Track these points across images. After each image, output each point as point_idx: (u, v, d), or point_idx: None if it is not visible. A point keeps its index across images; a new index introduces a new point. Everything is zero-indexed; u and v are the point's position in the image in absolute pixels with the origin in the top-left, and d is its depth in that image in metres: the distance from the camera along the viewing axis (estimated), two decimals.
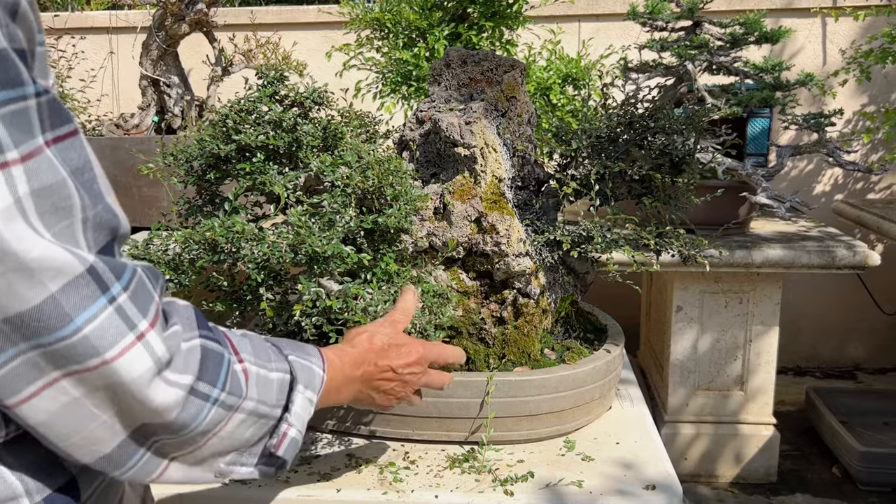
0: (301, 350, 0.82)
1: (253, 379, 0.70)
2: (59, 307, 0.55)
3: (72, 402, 0.58)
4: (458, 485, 1.16)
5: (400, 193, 1.22)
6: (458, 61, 1.44)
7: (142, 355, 0.59)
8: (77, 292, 0.56)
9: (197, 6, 2.54)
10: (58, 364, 0.56)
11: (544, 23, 2.93)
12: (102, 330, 0.57)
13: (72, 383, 0.57)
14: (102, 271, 0.58)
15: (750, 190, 2.13)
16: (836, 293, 3.41)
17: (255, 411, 0.70)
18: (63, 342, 0.55)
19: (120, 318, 0.58)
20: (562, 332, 1.46)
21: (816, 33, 3.29)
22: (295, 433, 0.74)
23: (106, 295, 0.57)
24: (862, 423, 2.75)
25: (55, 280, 0.55)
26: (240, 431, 0.70)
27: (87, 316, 0.56)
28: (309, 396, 0.77)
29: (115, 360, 0.58)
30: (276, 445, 0.73)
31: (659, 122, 1.37)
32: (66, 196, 0.57)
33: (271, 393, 0.72)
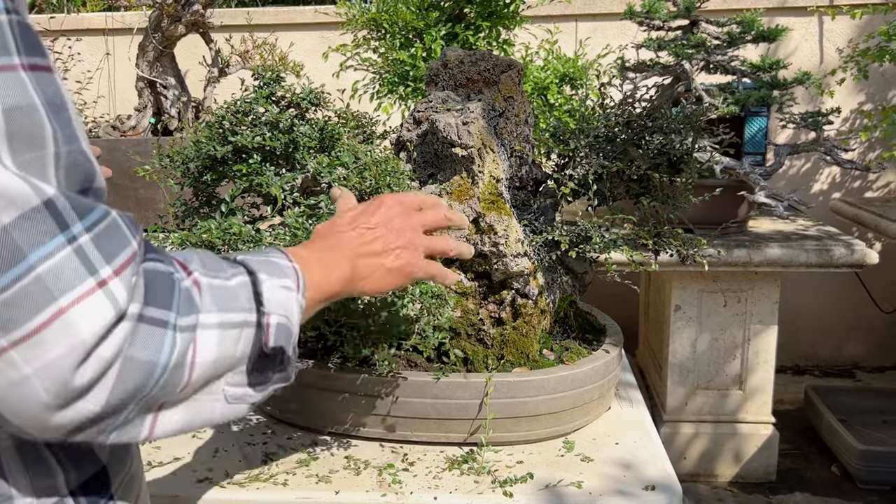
0: (253, 252, 0.72)
1: (206, 290, 0.61)
2: (12, 241, 0.50)
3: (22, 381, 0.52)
4: (457, 486, 1.16)
5: None
6: (455, 61, 1.43)
7: (101, 304, 0.52)
8: (32, 226, 0.51)
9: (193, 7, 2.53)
10: (7, 324, 0.50)
11: (541, 22, 2.93)
12: (58, 271, 0.51)
13: (21, 354, 0.51)
14: (63, 207, 0.52)
15: (748, 189, 2.13)
16: (835, 292, 3.41)
17: (225, 323, 0.61)
18: (15, 286, 0.50)
19: (79, 259, 0.52)
20: (560, 333, 1.46)
21: (813, 32, 3.30)
22: (278, 318, 0.65)
23: (65, 233, 0.52)
24: (861, 422, 2.75)
25: (6, 211, 0.50)
26: (226, 350, 0.61)
27: (42, 254, 0.51)
28: (282, 284, 0.67)
29: (70, 307, 0.51)
30: (266, 339, 0.64)
31: (656, 122, 1.36)
32: (39, 124, 0.53)
33: (237, 298, 0.63)
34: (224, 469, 1.22)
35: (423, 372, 1.27)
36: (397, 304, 1.16)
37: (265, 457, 1.25)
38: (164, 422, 0.60)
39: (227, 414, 0.64)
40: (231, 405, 0.64)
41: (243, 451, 1.28)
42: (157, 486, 1.18)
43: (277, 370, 0.67)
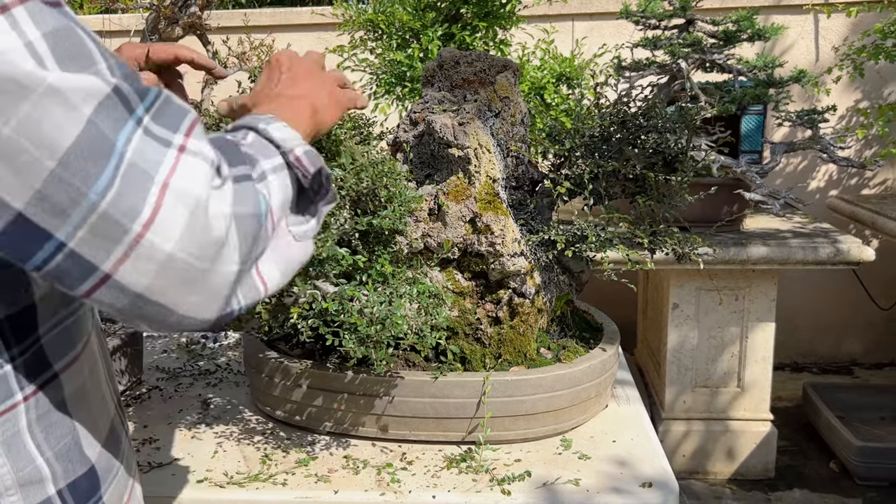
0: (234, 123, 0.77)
1: (247, 147, 0.67)
2: (100, 131, 0.52)
3: (167, 259, 0.54)
4: (456, 485, 1.17)
5: (394, 195, 1.22)
6: (451, 62, 1.44)
7: (194, 163, 0.56)
8: (108, 114, 0.53)
9: (190, 9, 2.53)
10: (129, 211, 0.53)
11: (538, 22, 2.93)
12: (142, 153, 0.54)
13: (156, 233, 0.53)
14: (128, 92, 0.55)
15: (744, 187, 2.13)
16: (833, 289, 3.42)
17: (274, 167, 0.66)
18: (117, 175, 0.52)
19: (151, 138, 0.55)
20: (557, 332, 1.46)
21: (809, 30, 3.30)
22: (302, 148, 0.69)
23: (133, 117, 0.54)
24: (859, 418, 2.76)
25: (87, 102, 0.52)
26: (283, 192, 0.66)
27: (124, 139, 0.53)
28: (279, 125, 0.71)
29: (170, 177, 0.54)
30: (303, 171, 0.68)
31: (651, 121, 1.37)
32: (80, 42, 0.54)
33: (266, 147, 0.68)
34: (223, 469, 1.23)
35: (421, 371, 1.28)
36: (395, 303, 1.17)
37: (264, 457, 1.26)
38: (266, 274, 0.64)
39: (303, 252, 0.69)
40: (300, 242, 0.69)
41: (242, 451, 1.29)
42: (157, 486, 1.19)
43: (321, 193, 0.72)
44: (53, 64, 0.51)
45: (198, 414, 1.44)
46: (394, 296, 1.20)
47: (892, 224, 2.53)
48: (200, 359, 1.73)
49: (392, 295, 1.20)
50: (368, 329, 1.13)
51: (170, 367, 1.69)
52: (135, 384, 1.58)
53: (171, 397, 1.53)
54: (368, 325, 1.14)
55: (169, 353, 1.79)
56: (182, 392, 1.55)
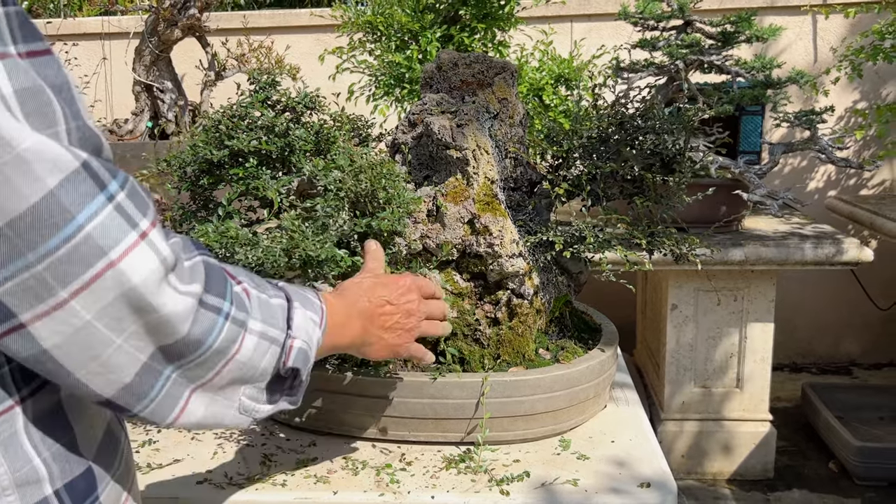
0: (293, 286, 0.81)
1: (255, 300, 0.68)
2: (60, 204, 0.53)
3: (84, 326, 0.56)
4: (455, 485, 1.17)
5: (393, 196, 1.22)
6: (450, 64, 1.44)
7: (147, 254, 0.57)
8: (75, 188, 0.54)
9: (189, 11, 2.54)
10: (65, 278, 0.54)
11: (536, 23, 2.94)
12: (104, 228, 0.55)
13: (81, 303, 0.55)
14: (98, 169, 0.56)
15: (743, 188, 2.14)
16: (832, 289, 3.42)
17: (264, 334, 0.68)
18: (67, 244, 0.54)
19: (121, 216, 0.56)
20: (556, 332, 1.47)
21: (807, 31, 3.31)
22: (301, 343, 0.72)
23: (104, 192, 0.56)
24: (858, 419, 2.77)
25: (52, 174, 0.53)
26: (255, 358, 0.68)
27: (88, 213, 0.54)
28: (310, 316, 0.75)
29: (120, 259, 0.56)
30: (286, 360, 0.71)
31: (649, 122, 1.37)
32: (48, 102, 0.55)
33: (275, 316, 0.70)
34: (223, 470, 1.23)
35: (420, 372, 1.28)
36: None
37: (263, 458, 1.26)
38: (190, 410, 0.66)
39: (235, 422, 0.71)
40: (240, 416, 0.71)
41: (242, 452, 1.29)
42: (156, 487, 1.19)
43: (287, 392, 0.74)
44: (21, 116, 0.53)
45: None
46: None
47: (891, 224, 2.54)
48: None
49: None
50: None
51: None
52: None
53: None
54: None
55: None
56: None
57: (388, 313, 0.94)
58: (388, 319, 0.94)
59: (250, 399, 0.71)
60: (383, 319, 0.93)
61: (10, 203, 0.52)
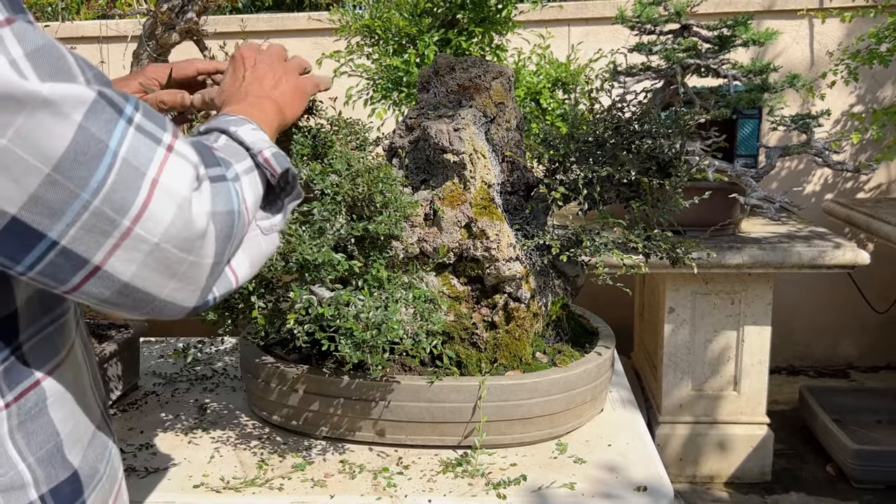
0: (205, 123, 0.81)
1: (220, 151, 0.70)
2: (92, 135, 0.55)
3: (153, 248, 0.58)
4: (451, 489, 1.17)
5: (390, 200, 1.23)
6: (447, 68, 1.45)
7: (181, 164, 0.59)
8: (99, 117, 0.55)
9: (187, 15, 2.54)
10: (122, 205, 0.56)
11: (534, 27, 2.94)
12: (135, 149, 0.57)
13: (144, 227, 0.57)
14: (112, 95, 0.57)
15: (740, 191, 2.14)
16: (829, 292, 3.43)
17: (245, 169, 0.70)
18: (111, 173, 0.55)
19: (144, 135, 0.58)
20: (553, 336, 1.47)
21: (804, 34, 3.32)
22: (269, 150, 0.73)
23: (123, 116, 0.57)
24: (855, 422, 2.77)
25: (77, 109, 0.54)
26: (256, 191, 0.70)
27: (117, 139, 0.56)
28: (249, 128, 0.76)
29: (160, 175, 0.57)
30: (272, 171, 0.73)
31: (646, 126, 1.38)
32: (61, 57, 0.56)
33: (236, 150, 0.72)
34: (219, 474, 1.23)
35: (417, 376, 1.29)
36: (391, 308, 1.17)
37: (260, 462, 1.26)
38: (237, 267, 0.69)
39: (270, 245, 0.74)
40: (268, 236, 0.73)
41: (238, 456, 1.29)
42: (153, 491, 1.19)
43: (287, 192, 0.76)
44: (34, 76, 0.53)
45: (194, 419, 1.45)
46: (389, 301, 1.20)
47: (887, 228, 2.55)
48: (197, 364, 1.73)
49: (388, 300, 1.21)
50: (364, 334, 1.14)
51: (166, 372, 1.69)
52: (131, 389, 1.59)
53: (167, 402, 1.53)
54: (364, 330, 1.14)
55: (165, 358, 1.79)
56: (178, 397, 1.55)
57: (261, 77, 0.93)
58: (268, 80, 0.93)
59: (263, 219, 0.73)
60: (265, 83, 0.92)
61: (51, 145, 0.53)
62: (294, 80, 0.96)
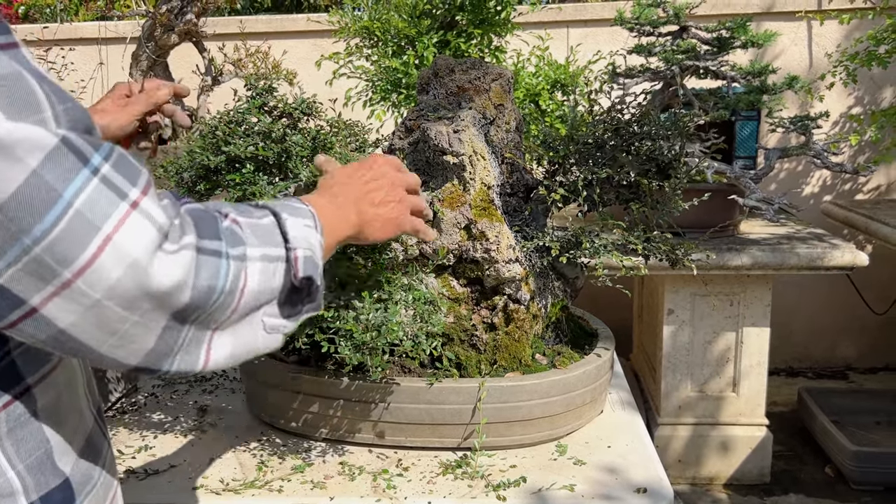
0: (272, 200, 0.79)
1: (247, 227, 0.67)
2: (45, 182, 0.53)
3: (94, 304, 0.56)
4: (451, 491, 1.17)
5: None
6: (447, 70, 1.45)
7: (141, 224, 0.56)
8: (57, 165, 0.53)
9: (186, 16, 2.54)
10: (64, 257, 0.54)
11: (533, 29, 2.94)
12: (93, 202, 0.54)
13: (87, 282, 0.55)
14: (78, 143, 0.55)
15: (738, 193, 2.14)
16: (827, 294, 3.43)
17: (266, 256, 0.67)
18: (60, 223, 0.53)
19: (108, 188, 0.55)
20: (553, 338, 1.47)
21: (802, 36, 3.32)
22: (304, 252, 0.71)
23: (88, 166, 0.55)
24: (854, 423, 2.77)
25: (32, 154, 0.52)
26: (265, 282, 0.67)
27: (74, 189, 0.54)
28: (303, 223, 0.73)
29: (115, 232, 0.55)
30: (296, 271, 0.70)
31: (645, 128, 1.38)
32: (28, 90, 0.54)
33: (270, 235, 0.69)
34: (219, 476, 1.23)
35: (417, 377, 1.28)
36: (391, 310, 1.17)
37: (260, 463, 1.26)
38: (216, 350, 0.66)
39: (267, 343, 0.70)
40: (269, 335, 0.70)
41: (238, 457, 1.29)
42: (153, 493, 1.19)
43: (307, 301, 0.73)
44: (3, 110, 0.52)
45: (194, 421, 1.44)
46: (389, 302, 1.20)
47: (886, 229, 2.55)
48: None
49: (388, 301, 1.21)
50: (364, 336, 1.14)
51: None
52: (131, 391, 1.58)
53: (167, 404, 1.53)
54: (364, 332, 1.14)
55: None
56: (178, 399, 1.55)
57: (375, 189, 0.90)
58: (376, 195, 0.90)
59: (272, 317, 0.70)
60: (372, 196, 0.90)
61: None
62: (399, 212, 0.93)
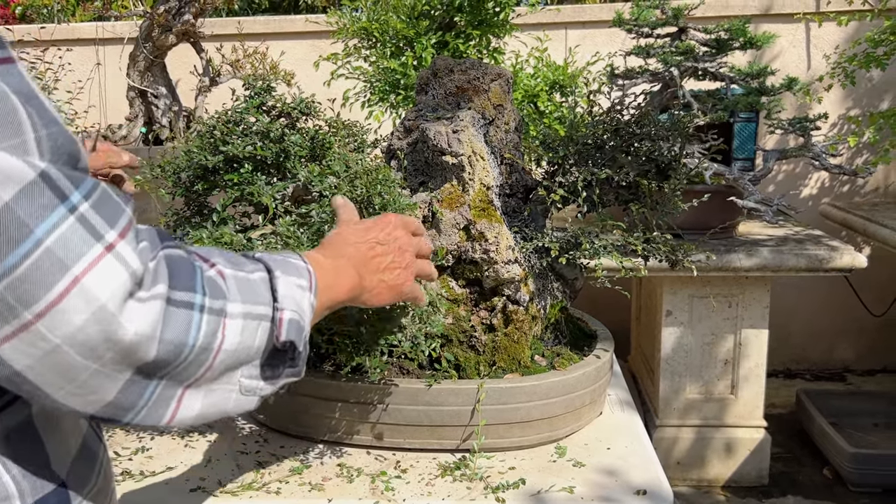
0: (271, 253, 0.75)
1: (231, 280, 0.63)
2: (15, 216, 0.50)
3: (54, 349, 0.53)
4: (450, 493, 1.16)
5: (388, 202, 1.22)
6: (446, 70, 1.44)
7: (113, 268, 0.53)
8: (32, 201, 0.51)
9: (184, 17, 2.54)
10: (27, 298, 0.51)
11: (531, 30, 2.94)
12: (65, 241, 0.52)
13: (47, 325, 0.52)
14: (58, 178, 0.53)
15: (737, 194, 2.14)
16: (826, 296, 3.43)
17: (249, 314, 0.64)
18: (26, 261, 0.51)
19: (83, 228, 0.53)
20: (552, 339, 1.46)
21: (801, 38, 3.33)
22: (290, 314, 0.67)
23: (65, 204, 0.52)
24: (852, 425, 2.77)
25: (5, 187, 0.50)
26: (245, 341, 0.63)
27: (47, 227, 0.51)
28: (296, 283, 0.70)
29: (84, 275, 0.52)
30: (278, 334, 0.66)
31: (644, 129, 1.38)
32: (10, 110, 0.52)
33: (257, 292, 0.65)
34: (217, 478, 1.22)
35: (416, 379, 1.28)
36: (389, 311, 1.16)
37: (257, 465, 1.26)
38: (184, 408, 0.62)
39: (240, 405, 0.67)
40: (244, 396, 0.67)
41: (236, 459, 1.28)
42: (150, 495, 1.18)
43: (288, 365, 0.70)
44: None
45: None
46: None
47: (884, 231, 2.55)
48: None
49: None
50: (363, 337, 1.13)
51: None
52: None
53: None
54: (362, 333, 1.14)
55: None
56: None
57: (381, 254, 0.87)
58: (382, 261, 0.87)
59: (250, 379, 0.67)
60: (377, 262, 0.87)
61: None
62: (403, 279, 0.90)
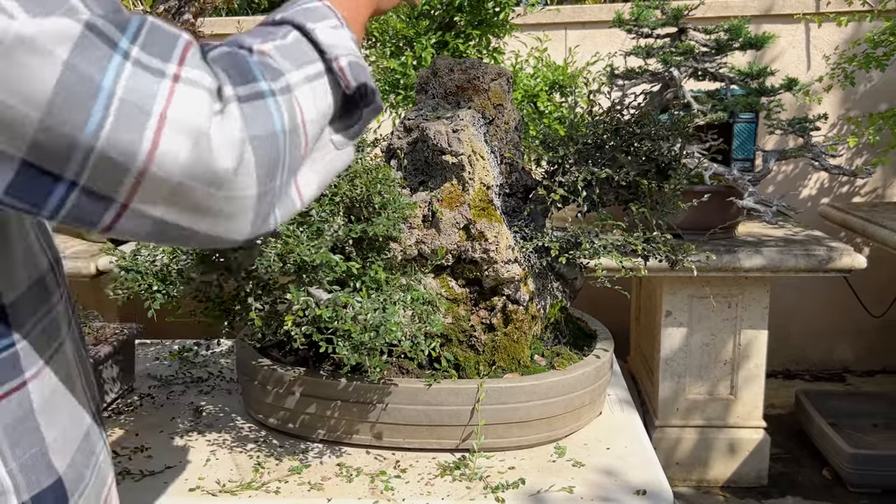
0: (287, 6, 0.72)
1: (276, 54, 0.62)
2: (81, 74, 0.49)
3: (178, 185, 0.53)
4: (449, 492, 1.16)
5: (388, 202, 1.22)
6: (446, 70, 1.44)
7: (190, 92, 0.53)
8: (88, 54, 0.50)
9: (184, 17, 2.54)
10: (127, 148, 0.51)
11: (531, 30, 2.94)
12: (133, 87, 0.51)
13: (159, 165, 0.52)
14: (103, 26, 0.51)
15: (737, 194, 2.14)
16: (825, 296, 3.43)
17: (308, 76, 0.63)
18: (108, 115, 0.50)
19: (143, 70, 0.52)
20: (551, 339, 1.46)
21: (800, 39, 3.33)
22: (347, 59, 0.65)
23: (117, 51, 0.51)
24: (851, 426, 2.77)
25: (60, 44, 0.49)
26: (319, 103, 0.63)
27: (112, 77, 0.50)
28: (329, 24, 0.68)
29: (167, 109, 0.52)
30: (346, 82, 0.65)
31: (644, 129, 1.38)
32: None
33: (304, 52, 0.64)
34: (215, 477, 1.22)
35: (415, 378, 1.28)
36: (389, 310, 1.16)
37: (257, 465, 1.25)
38: (304, 186, 0.64)
39: (343, 160, 0.69)
40: (341, 151, 0.68)
41: (235, 459, 1.28)
42: (149, 494, 1.18)
43: (365, 104, 0.69)
44: (19, 10, 0.48)
45: (190, 422, 1.43)
46: (388, 303, 1.20)
47: (883, 232, 2.55)
48: (193, 366, 1.72)
49: (386, 302, 1.20)
50: (362, 336, 1.13)
51: (162, 374, 1.68)
52: (126, 392, 1.57)
53: (163, 405, 1.52)
54: (362, 332, 1.14)
55: (161, 360, 1.78)
56: (174, 400, 1.54)
57: None
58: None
59: (337, 133, 0.67)
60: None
61: (37, 88, 0.49)
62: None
